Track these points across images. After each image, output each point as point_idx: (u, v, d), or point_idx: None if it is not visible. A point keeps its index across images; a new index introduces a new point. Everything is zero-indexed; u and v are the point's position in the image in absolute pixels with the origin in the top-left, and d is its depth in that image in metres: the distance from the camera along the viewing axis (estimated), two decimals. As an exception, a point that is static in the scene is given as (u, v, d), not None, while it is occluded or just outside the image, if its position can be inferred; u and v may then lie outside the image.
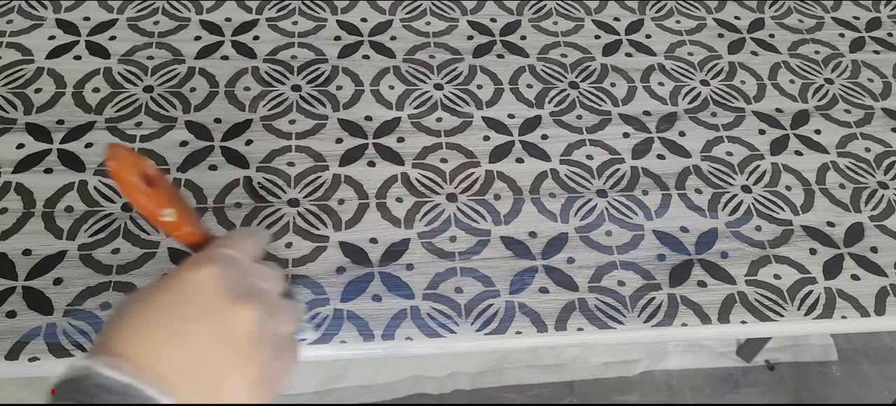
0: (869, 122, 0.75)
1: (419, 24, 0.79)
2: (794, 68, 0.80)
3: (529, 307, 0.59)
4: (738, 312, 0.60)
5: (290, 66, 0.73)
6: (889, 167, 0.72)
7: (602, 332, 0.59)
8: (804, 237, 0.66)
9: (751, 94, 0.76)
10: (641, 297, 0.60)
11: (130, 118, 0.68)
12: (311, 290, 0.58)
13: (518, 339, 0.58)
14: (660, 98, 0.75)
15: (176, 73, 0.71)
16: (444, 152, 0.68)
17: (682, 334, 0.60)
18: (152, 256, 0.59)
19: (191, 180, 0.64)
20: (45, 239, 0.59)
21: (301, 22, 0.78)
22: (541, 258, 0.62)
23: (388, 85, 0.73)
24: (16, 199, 0.61)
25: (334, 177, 0.65)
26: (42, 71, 0.70)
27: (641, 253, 0.63)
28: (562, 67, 0.77)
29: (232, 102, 0.70)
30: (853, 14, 0.86)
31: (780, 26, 0.84)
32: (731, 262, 0.63)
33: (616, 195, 0.67)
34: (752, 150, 0.72)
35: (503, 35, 0.79)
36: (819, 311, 0.61)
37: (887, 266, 0.64)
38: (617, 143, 0.71)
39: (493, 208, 0.65)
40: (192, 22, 0.76)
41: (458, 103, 0.72)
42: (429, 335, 0.57)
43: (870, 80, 0.79)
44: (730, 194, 0.68)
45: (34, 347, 0.53)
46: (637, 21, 0.82)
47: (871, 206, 0.68)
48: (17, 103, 0.68)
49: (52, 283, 0.57)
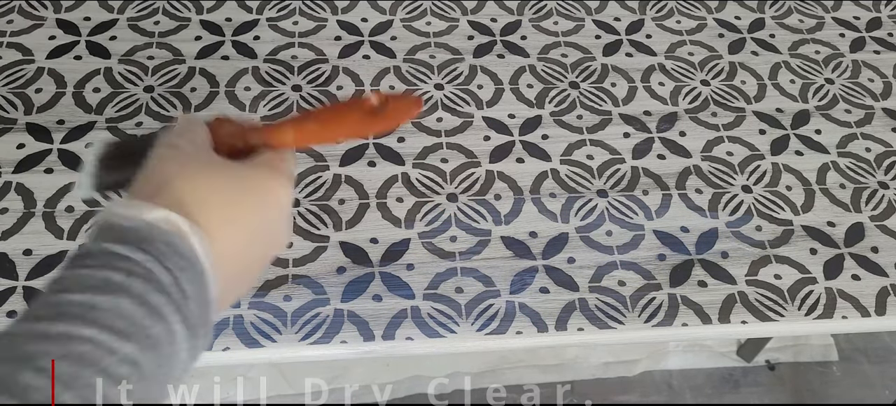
0: (869, 122, 0.75)
1: (419, 24, 0.79)
2: (794, 68, 0.80)
3: (530, 307, 0.59)
4: (739, 312, 0.60)
5: (290, 66, 0.73)
6: (889, 167, 0.72)
7: (602, 332, 0.59)
8: (804, 237, 0.66)
9: (751, 94, 0.76)
10: (642, 297, 0.60)
11: (131, 118, 0.68)
12: (311, 290, 0.58)
13: (518, 339, 0.58)
14: (660, 98, 0.75)
15: (176, 73, 0.71)
16: (444, 152, 0.68)
17: (683, 334, 0.60)
18: (153, 256, 0.59)
19: (191, 180, 0.64)
20: (46, 239, 0.59)
21: (301, 22, 0.78)
22: (541, 258, 0.62)
23: (388, 85, 0.73)
24: (16, 199, 0.61)
25: (335, 177, 0.65)
26: (42, 71, 0.70)
27: (642, 253, 0.63)
28: (562, 67, 0.77)
29: (232, 102, 0.70)
30: (853, 14, 0.86)
31: (781, 26, 0.84)
32: (731, 262, 0.63)
33: (616, 195, 0.67)
34: (753, 150, 0.72)
35: (504, 35, 0.79)
36: (819, 311, 0.61)
37: (888, 266, 0.64)
38: (617, 143, 0.71)
39: (493, 208, 0.65)
40: (193, 22, 0.76)
41: (458, 103, 0.72)
42: (429, 335, 0.57)
43: (870, 80, 0.79)
44: (730, 194, 0.68)
45: (35, 347, 0.53)
46: (637, 21, 0.82)
47: (871, 206, 0.68)
48: (17, 103, 0.68)
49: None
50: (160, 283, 0.31)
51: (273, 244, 0.39)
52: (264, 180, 0.38)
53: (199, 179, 0.35)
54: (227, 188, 0.36)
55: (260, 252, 0.39)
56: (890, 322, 0.62)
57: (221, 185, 0.36)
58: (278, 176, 0.39)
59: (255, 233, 0.37)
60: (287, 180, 0.39)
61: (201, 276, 0.33)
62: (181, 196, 0.34)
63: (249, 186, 0.37)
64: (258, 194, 0.37)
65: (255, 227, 0.37)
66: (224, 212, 0.35)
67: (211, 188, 0.35)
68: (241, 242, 0.36)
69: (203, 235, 0.33)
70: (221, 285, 0.34)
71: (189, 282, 0.32)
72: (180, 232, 0.33)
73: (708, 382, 1.38)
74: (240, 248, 0.36)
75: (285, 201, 0.39)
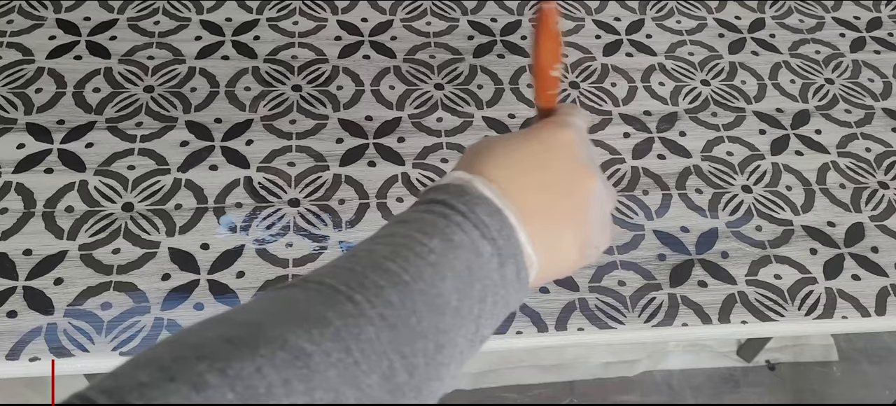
0: (869, 122, 0.75)
1: (419, 24, 0.79)
2: (794, 68, 0.80)
3: (530, 307, 0.59)
4: (739, 312, 0.60)
5: (290, 66, 0.73)
6: (889, 167, 0.72)
7: (602, 332, 0.59)
8: (804, 237, 0.66)
9: (751, 94, 0.76)
10: (642, 297, 0.60)
11: (131, 118, 0.68)
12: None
13: (518, 338, 0.58)
14: (660, 98, 0.75)
15: (176, 73, 0.72)
16: (444, 152, 0.68)
17: (683, 334, 0.60)
18: (153, 256, 0.59)
19: (191, 180, 0.64)
20: (46, 239, 0.59)
21: (301, 22, 0.78)
22: (541, 258, 0.62)
23: (388, 85, 0.73)
24: (16, 199, 0.61)
25: (335, 177, 0.65)
26: (42, 71, 0.70)
27: (642, 253, 0.63)
28: (562, 67, 0.77)
29: (232, 102, 0.70)
30: (854, 14, 0.86)
31: (781, 26, 0.84)
32: (731, 262, 0.63)
33: (616, 195, 0.67)
34: (753, 150, 0.72)
35: (504, 35, 0.79)
36: (819, 311, 0.61)
37: (888, 266, 0.64)
38: (617, 142, 0.71)
39: (493, 208, 0.65)
40: (193, 22, 0.76)
41: (458, 103, 0.72)
42: (429, 335, 0.57)
43: (870, 80, 0.79)
44: (730, 194, 0.68)
45: (35, 347, 0.53)
46: (638, 21, 0.82)
47: (871, 206, 0.68)
48: (17, 103, 0.68)
49: (52, 283, 0.57)
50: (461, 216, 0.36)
51: (573, 187, 0.41)
52: (539, 131, 0.42)
53: (480, 145, 0.41)
54: (503, 142, 0.41)
55: (559, 193, 0.40)
56: (890, 322, 0.62)
57: (499, 142, 0.41)
58: (554, 126, 0.42)
59: (533, 171, 0.40)
60: (564, 128, 0.42)
61: (489, 204, 0.37)
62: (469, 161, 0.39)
63: (526, 136, 0.41)
64: (533, 141, 0.41)
65: (531, 166, 0.40)
66: (500, 159, 0.39)
67: (489, 148, 0.40)
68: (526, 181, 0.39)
69: (485, 180, 0.37)
70: (523, 218, 0.37)
71: (485, 214, 0.36)
72: (463, 180, 0.37)
73: (708, 382, 1.38)
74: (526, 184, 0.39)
75: (566, 142, 0.41)
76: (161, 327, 0.55)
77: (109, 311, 0.56)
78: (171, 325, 0.55)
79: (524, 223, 0.37)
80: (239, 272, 0.59)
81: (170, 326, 0.55)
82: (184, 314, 0.56)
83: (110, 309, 0.56)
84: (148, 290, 0.57)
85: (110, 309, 0.56)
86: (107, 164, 0.64)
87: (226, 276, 0.59)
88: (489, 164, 0.38)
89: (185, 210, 0.62)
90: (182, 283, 0.58)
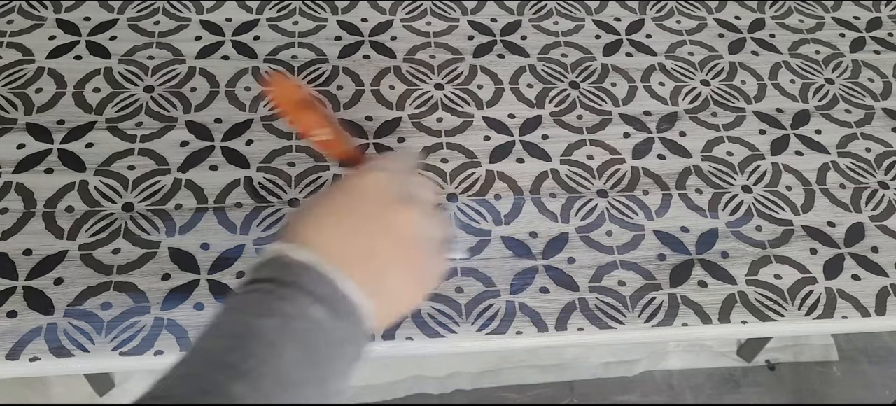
0: (869, 122, 0.75)
1: (420, 24, 0.79)
2: (794, 68, 0.80)
3: (530, 307, 0.59)
4: (739, 312, 0.60)
5: (290, 66, 0.73)
6: (889, 167, 0.72)
7: (602, 332, 0.59)
8: (805, 237, 0.66)
9: (751, 94, 0.76)
10: (642, 297, 0.60)
11: (131, 118, 0.68)
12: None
13: (518, 339, 0.58)
14: (660, 98, 0.75)
15: (176, 73, 0.72)
16: (444, 152, 0.68)
17: (683, 334, 0.60)
18: (153, 256, 0.59)
19: (191, 180, 0.64)
20: (46, 239, 0.59)
21: (301, 22, 0.78)
22: (541, 258, 0.62)
23: (388, 85, 0.73)
24: (16, 199, 0.61)
25: (335, 177, 0.65)
26: (42, 71, 0.70)
27: (642, 253, 0.63)
28: (562, 67, 0.77)
29: (232, 102, 0.70)
30: (854, 14, 0.86)
31: (781, 26, 0.84)
32: (731, 262, 0.63)
33: (616, 195, 0.67)
34: (753, 150, 0.72)
35: (504, 35, 0.79)
36: (819, 311, 0.61)
37: (888, 266, 0.64)
38: (617, 143, 0.71)
39: (493, 208, 0.65)
40: (193, 22, 0.76)
41: (458, 103, 0.72)
42: (429, 335, 0.57)
43: (870, 80, 0.79)
44: (730, 194, 0.68)
45: (35, 347, 0.53)
46: (637, 21, 0.82)
47: (871, 206, 0.68)
48: (17, 103, 0.68)
49: (52, 283, 0.57)
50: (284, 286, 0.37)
51: (389, 224, 0.42)
52: (342, 183, 0.44)
53: (295, 212, 0.43)
54: (314, 203, 0.43)
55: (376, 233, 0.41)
56: (890, 322, 0.62)
57: (310, 205, 0.43)
58: (355, 173, 0.44)
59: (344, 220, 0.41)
60: (367, 172, 0.44)
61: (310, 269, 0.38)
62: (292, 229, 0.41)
63: (331, 191, 0.44)
64: (337, 194, 0.43)
65: (341, 216, 0.41)
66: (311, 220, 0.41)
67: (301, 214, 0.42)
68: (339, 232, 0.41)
69: (300, 246, 0.39)
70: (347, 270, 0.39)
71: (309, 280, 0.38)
72: (281, 252, 0.39)
73: (708, 382, 1.38)
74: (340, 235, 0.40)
75: (371, 183, 0.43)
76: (161, 327, 0.55)
77: (109, 311, 0.56)
78: (171, 325, 0.55)
79: (349, 274, 0.38)
80: (239, 272, 0.59)
81: (170, 326, 0.55)
82: (184, 314, 0.56)
83: (110, 309, 0.56)
84: (148, 290, 0.57)
85: (110, 309, 0.56)
86: (107, 164, 0.64)
87: (226, 276, 0.59)
88: (304, 228, 0.40)
89: (185, 210, 0.62)
90: (182, 283, 0.58)
